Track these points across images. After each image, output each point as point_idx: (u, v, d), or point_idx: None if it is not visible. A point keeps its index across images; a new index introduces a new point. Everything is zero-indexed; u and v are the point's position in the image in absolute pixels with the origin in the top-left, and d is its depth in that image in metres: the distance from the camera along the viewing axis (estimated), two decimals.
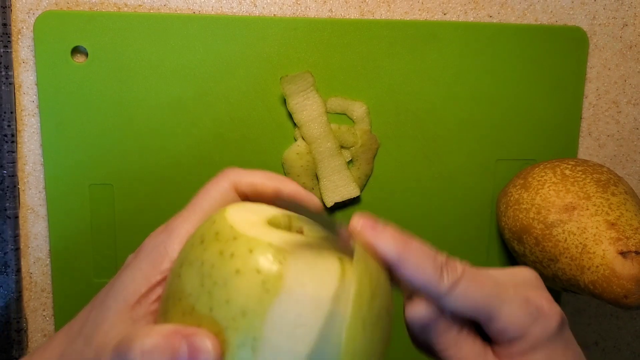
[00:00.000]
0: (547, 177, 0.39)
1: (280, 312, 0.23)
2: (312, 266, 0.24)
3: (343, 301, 0.23)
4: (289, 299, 0.23)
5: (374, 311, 0.25)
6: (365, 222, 0.26)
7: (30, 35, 0.39)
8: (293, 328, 0.23)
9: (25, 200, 0.41)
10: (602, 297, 0.36)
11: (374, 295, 0.25)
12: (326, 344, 0.23)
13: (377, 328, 0.25)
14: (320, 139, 0.41)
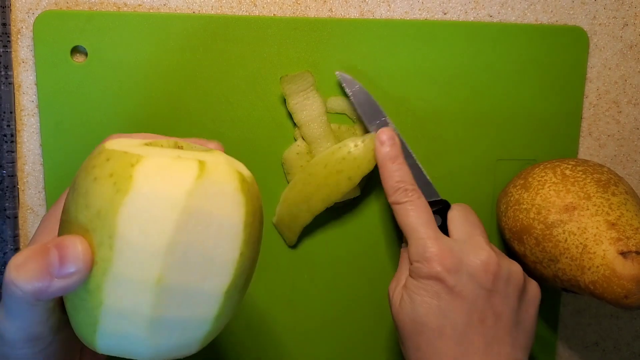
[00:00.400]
0: (548, 177, 0.39)
1: (131, 209, 0.24)
2: (167, 167, 0.25)
3: (199, 198, 0.24)
4: (139, 197, 0.24)
5: (255, 225, 0.26)
6: (386, 138, 0.39)
7: (30, 35, 0.39)
8: (145, 224, 0.24)
9: (24, 200, 0.41)
10: (603, 297, 0.36)
11: (255, 212, 0.26)
12: (192, 239, 0.24)
13: (255, 241, 0.27)
14: (320, 139, 0.41)
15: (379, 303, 0.44)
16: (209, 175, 0.25)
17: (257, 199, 0.27)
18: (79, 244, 0.24)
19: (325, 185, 0.40)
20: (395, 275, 0.39)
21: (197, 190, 0.25)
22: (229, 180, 0.26)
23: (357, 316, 0.44)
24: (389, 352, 0.45)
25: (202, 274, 0.25)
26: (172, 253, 0.24)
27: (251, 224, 0.26)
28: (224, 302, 0.26)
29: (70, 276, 0.23)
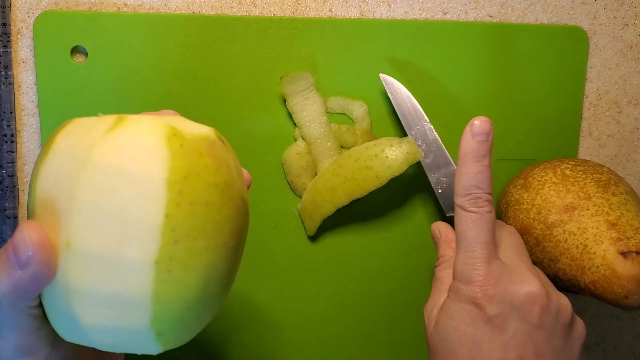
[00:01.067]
0: (548, 177, 0.39)
1: (47, 169, 0.23)
2: (86, 125, 0.24)
3: (108, 152, 0.22)
4: (53, 156, 0.24)
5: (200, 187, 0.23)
6: (480, 136, 0.33)
7: (30, 35, 0.39)
8: (55, 183, 0.23)
9: (24, 200, 0.41)
10: (603, 297, 0.36)
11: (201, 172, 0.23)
12: (102, 197, 0.22)
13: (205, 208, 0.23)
14: (320, 139, 0.41)
15: (392, 307, 0.44)
16: (124, 128, 0.23)
17: (203, 158, 0.24)
18: (24, 227, 0.23)
19: (352, 180, 0.40)
20: (431, 295, 0.35)
21: (105, 143, 0.22)
22: (150, 133, 0.23)
23: (367, 315, 0.44)
24: (400, 347, 0.45)
25: (119, 238, 0.22)
26: (81, 213, 0.22)
27: (185, 183, 0.22)
28: (159, 275, 0.22)
29: (29, 263, 0.22)
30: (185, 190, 0.22)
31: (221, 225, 0.24)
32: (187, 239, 0.22)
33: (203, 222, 0.23)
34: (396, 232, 0.44)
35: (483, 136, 0.33)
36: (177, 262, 0.22)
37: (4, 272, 0.23)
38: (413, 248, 0.44)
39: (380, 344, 0.45)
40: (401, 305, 0.44)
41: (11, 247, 0.23)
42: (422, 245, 0.44)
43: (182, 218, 0.22)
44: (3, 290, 0.23)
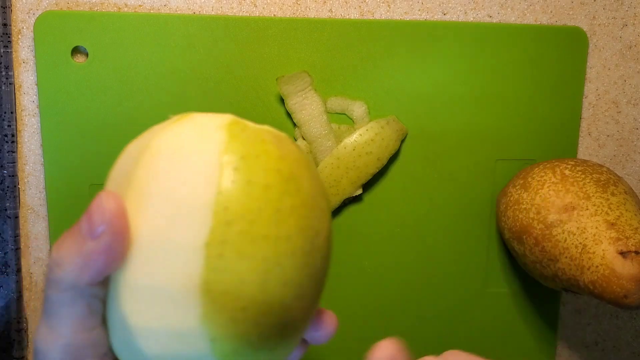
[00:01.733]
0: (547, 177, 0.39)
1: (113, 170, 0.24)
2: (150, 130, 0.24)
3: (166, 137, 0.22)
4: (122, 157, 0.24)
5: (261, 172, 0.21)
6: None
7: (31, 36, 0.39)
8: (119, 176, 0.23)
9: (25, 200, 0.41)
10: (602, 297, 0.36)
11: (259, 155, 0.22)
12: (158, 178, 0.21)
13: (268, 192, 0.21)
14: (320, 139, 0.41)
15: (378, 302, 0.44)
16: (187, 120, 0.23)
17: (265, 144, 0.22)
18: (102, 195, 0.21)
19: (354, 168, 0.41)
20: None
21: (165, 132, 0.22)
22: (210, 121, 0.22)
23: (360, 313, 0.44)
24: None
25: (168, 221, 0.20)
26: (133, 198, 0.21)
27: (242, 162, 0.21)
28: (209, 261, 0.20)
29: (104, 232, 0.21)
30: (241, 168, 0.21)
31: (283, 214, 0.21)
32: (241, 220, 0.20)
33: (260, 205, 0.21)
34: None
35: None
36: (230, 246, 0.20)
37: (74, 244, 0.21)
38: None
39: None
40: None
41: (85, 215, 0.22)
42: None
43: (237, 197, 0.20)
44: (69, 266, 0.21)
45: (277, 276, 0.21)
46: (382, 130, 0.41)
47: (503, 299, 0.45)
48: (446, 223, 0.44)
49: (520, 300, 0.46)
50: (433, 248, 0.44)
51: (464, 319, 0.45)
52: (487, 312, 0.45)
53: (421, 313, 0.45)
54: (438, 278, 0.45)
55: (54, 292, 0.22)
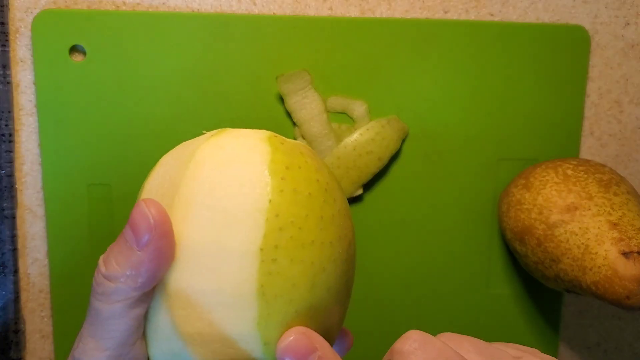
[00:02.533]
0: (549, 177, 0.39)
1: (151, 181, 0.24)
2: (190, 141, 0.25)
3: (211, 150, 0.23)
4: (159, 169, 0.25)
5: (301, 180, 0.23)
6: (293, 346, 0.21)
7: (28, 34, 0.39)
8: (161, 187, 0.24)
9: (22, 200, 0.40)
10: (604, 297, 0.35)
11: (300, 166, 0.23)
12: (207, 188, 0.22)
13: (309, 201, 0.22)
14: (321, 138, 0.41)
15: (378, 302, 0.44)
16: (227, 133, 0.24)
17: (304, 156, 0.23)
18: (142, 204, 0.22)
19: (355, 168, 0.40)
20: None
21: (207, 144, 0.23)
22: (251, 135, 0.23)
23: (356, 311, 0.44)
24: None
25: (222, 229, 0.21)
26: (181, 208, 0.22)
27: (286, 172, 0.22)
28: (264, 265, 0.21)
29: (150, 241, 0.21)
30: (287, 178, 0.22)
31: (325, 222, 0.23)
32: (291, 227, 0.22)
33: (306, 212, 0.22)
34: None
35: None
36: (282, 251, 0.21)
37: (122, 256, 0.22)
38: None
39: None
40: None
41: (129, 226, 0.22)
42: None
43: (286, 205, 0.22)
44: (121, 278, 0.22)
45: (322, 281, 0.22)
46: (382, 130, 0.40)
47: (505, 300, 0.45)
48: (447, 223, 0.44)
49: (522, 301, 0.45)
50: (434, 248, 0.44)
51: (466, 320, 0.45)
52: (488, 313, 0.45)
53: (422, 313, 0.45)
54: (439, 278, 0.44)
55: (104, 304, 0.22)
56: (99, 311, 0.22)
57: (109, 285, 0.22)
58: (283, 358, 0.21)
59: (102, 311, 0.22)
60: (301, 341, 0.21)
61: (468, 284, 0.45)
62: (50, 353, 0.42)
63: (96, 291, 0.23)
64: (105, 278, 0.22)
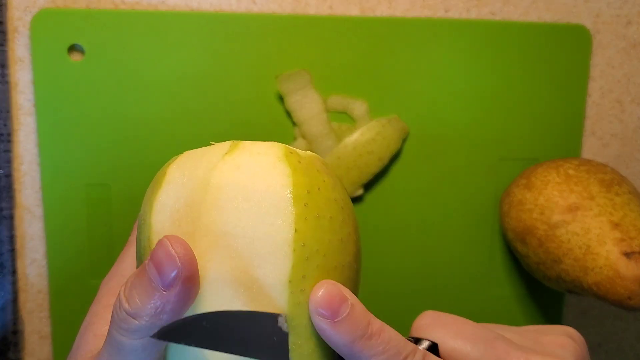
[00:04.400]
0: (551, 177, 0.39)
1: (163, 200, 0.23)
2: (198, 154, 0.24)
3: (228, 173, 0.22)
4: (168, 187, 0.23)
5: (322, 202, 0.22)
6: (326, 299, 0.22)
7: (27, 33, 0.39)
8: (176, 212, 0.23)
9: (21, 201, 0.40)
10: (606, 298, 0.35)
11: (321, 187, 0.23)
12: (229, 217, 0.22)
13: (329, 223, 0.22)
14: (321, 137, 0.40)
15: (379, 303, 0.44)
16: (240, 150, 0.23)
17: (321, 174, 0.23)
18: (167, 242, 0.21)
19: (355, 168, 0.40)
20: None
21: (224, 165, 0.22)
22: (267, 153, 0.23)
23: None
24: None
25: (249, 259, 0.21)
26: (206, 238, 0.22)
27: (308, 198, 0.22)
28: (293, 297, 0.21)
29: (176, 282, 0.21)
30: (310, 204, 0.22)
31: (345, 243, 0.23)
32: (317, 255, 0.22)
33: (330, 237, 0.22)
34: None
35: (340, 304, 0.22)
36: (310, 281, 0.22)
37: (145, 295, 0.21)
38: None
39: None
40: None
41: (153, 264, 0.21)
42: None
43: (311, 233, 0.22)
44: (145, 317, 0.21)
45: None
46: (383, 130, 0.40)
47: (506, 301, 0.45)
48: (448, 223, 0.44)
49: (524, 301, 0.45)
50: (435, 248, 0.44)
51: None
52: (490, 313, 0.45)
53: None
54: (440, 279, 0.44)
55: (127, 339, 0.22)
56: (121, 344, 0.22)
57: (133, 322, 0.22)
58: (316, 309, 0.21)
59: (124, 345, 0.22)
60: (333, 290, 0.22)
61: (469, 284, 0.45)
62: (48, 354, 0.42)
63: (119, 325, 0.22)
64: (128, 314, 0.22)
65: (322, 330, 0.22)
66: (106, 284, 0.29)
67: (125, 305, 0.22)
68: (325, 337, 0.22)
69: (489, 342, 0.25)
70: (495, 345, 0.25)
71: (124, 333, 0.22)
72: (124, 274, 0.28)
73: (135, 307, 0.22)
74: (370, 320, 0.22)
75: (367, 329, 0.22)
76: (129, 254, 0.30)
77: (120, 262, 0.30)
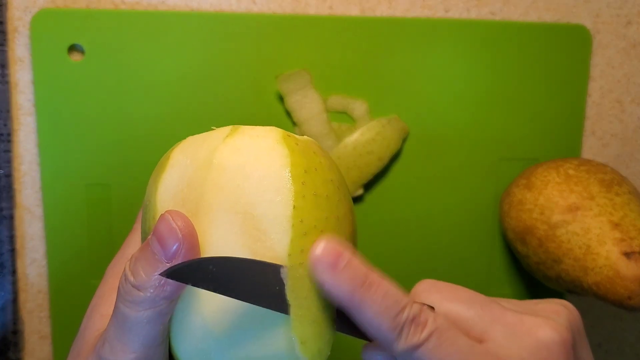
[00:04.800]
0: (551, 177, 0.39)
1: (166, 183, 0.24)
2: (200, 138, 0.25)
3: (230, 154, 0.23)
4: (172, 170, 0.24)
5: (318, 181, 0.24)
6: (326, 252, 0.22)
7: (27, 33, 0.39)
8: (180, 193, 0.24)
9: (21, 201, 0.40)
10: (606, 298, 0.35)
11: (317, 168, 0.24)
12: (232, 196, 0.23)
13: (325, 201, 0.23)
14: (321, 137, 0.40)
15: None
16: (240, 134, 0.24)
17: (317, 156, 0.24)
18: (168, 216, 0.22)
19: (355, 168, 0.40)
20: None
21: (225, 147, 0.23)
22: (266, 136, 0.24)
23: None
24: None
25: (249, 234, 0.22)
26: (209, 215, 0.23)
27: (307, 176, 0.23)
28: (292, 270, 0.22)
29: (177, 254, 0.22)
30: (307, 182, 0.23)
31: (341, 221, 0.24)
32: (314, 231, 0.23)
33: (327, 214, 0.23)
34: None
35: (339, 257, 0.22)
36: (307, 254, 0.22)
37: (149, 267, 0.23)
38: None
39: None
40: None
41: (155, 238, 0.23)
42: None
43: (309, 209, 0.23)
44: (149, 288, 0.22)
45: None
46: (383, 130, 0.40)
47: None
48: (448, 223, 0.44)
49: None
50: (435, 248, 0.44)
51: None
52: None
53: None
54: (440, 278, 0.44)
55: (132, 311, 0.23)
56: (126, 317, 0.23)
57: (138, 294, 0.23)
58: (317, 261, 0.22)
59: (130, 317, 0.23)
60: (332, 242, 0.22)
61: (469, 284, 0.44)
62: (48, 354, 0.42)
63: (124, 298, 0.23)
64: (134, 287, 0.23)
65: (323, 282, 0.22)
66: (112, 269, 0.30)
67: (131, 278, 0.23)
68: (327, 289, 0.22)
69: (485, 304, 0.26)
70: (491, 307, 0.26)
71: (130, 305, 0.23)
72: None
73: (140, 279, 0.23)
74: (369, 270, 0.23)
75: (366, 278, 0.23)
76: (133, 240, 0.30)
77: (125, 247, 0.30)
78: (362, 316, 0.22)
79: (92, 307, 0.29)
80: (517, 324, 0.25)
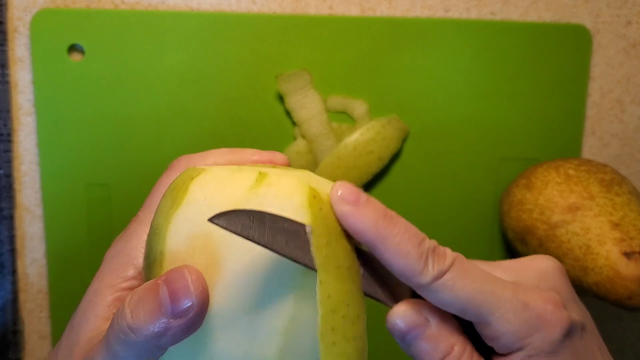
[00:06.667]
0: (551, 177, 0.39)
1: (180, 220, 0.22)
2: (224, 178, 0.23)
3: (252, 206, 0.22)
4: (188, 207, 0.23)
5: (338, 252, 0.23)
6: (346, 192, 0.23)
7: (27, 33, 0.39)
8: (195, 238, 0.22)
9: (21, 200, 0.40)
10: (606, 298, 0.36)
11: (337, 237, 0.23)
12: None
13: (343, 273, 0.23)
14: (321, 137, 0.40)
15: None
16: (267, 185, 0.22)
17: (336, 223, 0.23)
18: (186, 272, 0.21)
19: (355, 168, 0.40)
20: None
21: (249, 199, 0.22)
22: (292, 194, 0.22)
23: None
24: None
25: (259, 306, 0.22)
26: (226, 283, 0.22)
27: (328, 249, 0.22)
28: (326, 350, 0.21)
29: (187, 313, 0.21)
30: (329, 255, 0.22)
31: (361, 292, 0.23)
32: (342, 305, 0.22)
33: (350, 287, 0.22)
34: None
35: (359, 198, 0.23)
36: (338, 332, 0.22)
37: (151, 314, 0.21)
38: None
39: None
40: None
41: (167, 290, 0.21)
42: None
43: (334, 284, 0.22)
44: (146, 335, 0.21)
45: (363, 352, 0.23)
46: (383, 130, 0.40)
47: None
48: (449, 223, 0.44)
49: None
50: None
51: None
52: None
53: None
54: None
55: (124, 351, 0.22)
56: (117, 354, 0.22)
57: (131, 336, 0.22)
58: (340, 199, 0.22)
59: (120, 355, 0.22)
60: (350, 184, 0.23)
61: None
62: (48, 354, 0.42)
63: (117, 335, 0.22)
64: (130, 329, 0.22)
65: (346, 216, 0.22)
66: (110, 262, 0.28)
67: (129, 317, 0.22)
68: (351, 225, 0.22)
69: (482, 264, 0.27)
70: (488, 262, 0.28)
71: (120, 344, 0.22)
72: (130, 255, 0.27)
73: (138, 323, 0.22)
74: (385, 206, 0.23)
75: (386, 211, 0.23)
76: (136, 232, 0.28)
77: (127, 240, 0.28)
78: (387, 248, 0.22)
79: (86, 302, 0.27)
80: (517, 266, 0.27)
